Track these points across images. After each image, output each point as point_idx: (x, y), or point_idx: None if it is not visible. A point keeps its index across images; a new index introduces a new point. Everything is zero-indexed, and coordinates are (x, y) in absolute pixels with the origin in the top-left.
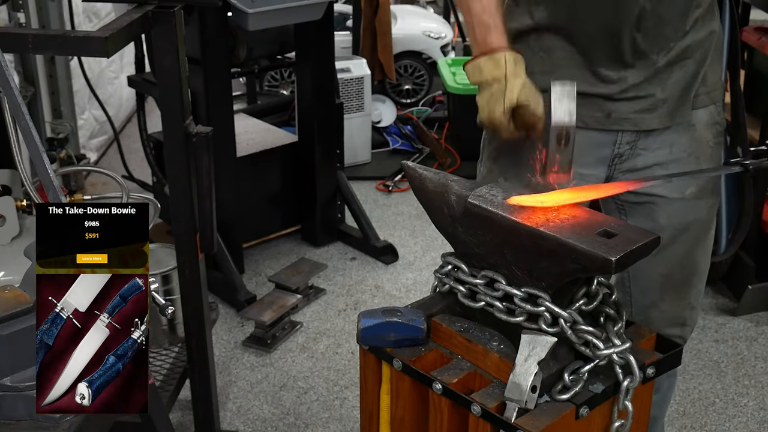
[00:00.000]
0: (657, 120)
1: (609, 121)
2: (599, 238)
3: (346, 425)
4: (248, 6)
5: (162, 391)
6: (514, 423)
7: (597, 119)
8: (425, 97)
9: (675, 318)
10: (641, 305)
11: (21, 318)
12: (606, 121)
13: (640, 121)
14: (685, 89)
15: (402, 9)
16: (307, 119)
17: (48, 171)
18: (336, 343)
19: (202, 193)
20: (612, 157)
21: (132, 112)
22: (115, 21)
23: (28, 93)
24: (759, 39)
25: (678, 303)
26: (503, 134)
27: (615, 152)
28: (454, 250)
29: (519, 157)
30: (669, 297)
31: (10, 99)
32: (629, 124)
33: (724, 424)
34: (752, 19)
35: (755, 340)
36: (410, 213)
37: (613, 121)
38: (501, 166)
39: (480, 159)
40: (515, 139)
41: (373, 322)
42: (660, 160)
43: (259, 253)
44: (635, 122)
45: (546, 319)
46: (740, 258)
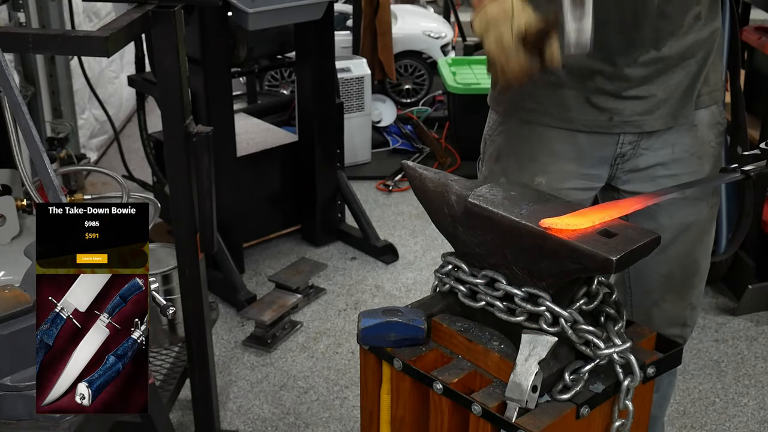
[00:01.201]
0: (659, 121)
1: (611, 125)
2: (600, 238)
3: (347, 425)
4: (248, 6)
5: (162, 391)
6: (514, 423)
7: (599, 123)
8: (425, 96)
9: (676, 318)
10: (642, 305)
11: (21, 318)
12: (608, 124)
13: (642, 123)
14: (688, 89)
15: (402, 9)
16: (307, 119)
17: (48, 171)
18: (336, 343)
19: (202, 193)
20: (614, 157)
21: (132, 112)
22: (115, 21)
23: (29, 92)
24: (759, 39)
25: (679, 303)
26: (513, 67)
27: (617, 152)
28: (454, 250)
29: (520, 158)
30: (670, 297)
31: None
32: (631, 127)
33: (725, 423)
34: (752, 19)
35: (755, 339)
36: (410, 213)
37: (615, 125)
38: (503, 166)
39: (480, 159)
40: (527, 73)
41: (374, 322)
42: (662, 160)
43: (259, 253)
44: (638, 124)
45: (546, 319)
46: (740, 258)
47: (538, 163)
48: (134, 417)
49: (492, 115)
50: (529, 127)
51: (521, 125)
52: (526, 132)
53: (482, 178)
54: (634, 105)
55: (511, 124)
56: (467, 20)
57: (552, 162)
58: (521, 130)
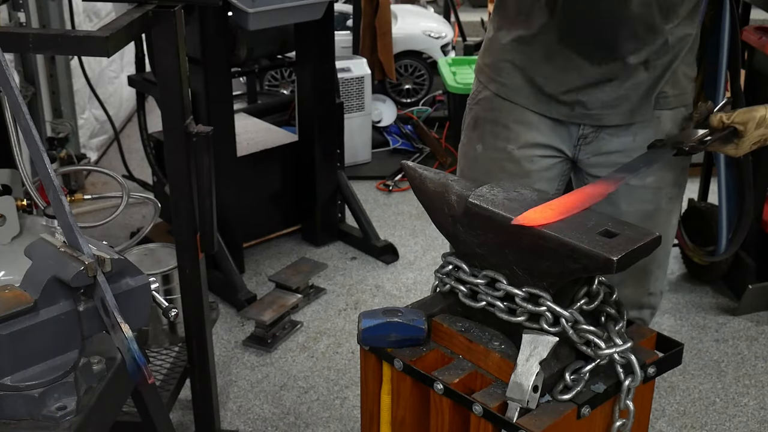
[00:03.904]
0: (618, 117)
1: (572, 115)
2: (600, 238)
3: (347, 425)
4: (248, 6)
5: (162, 391)
6: (515, 423)
7: (562, 113)
8: (425, 96)
9: (634, 302)
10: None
11: (21, 318)
12: (570, 114)
13: (601, 116)
14: (649, 90)
15: (402, 8)
16: (308, 119)
17: (48, 170)
18: (336, 343)
19: (203, 193)
20: (577, 137)
21: (132, 112)
22: (116, 21)
23: (29, 92)
24: (759, 39)
25: (638, 289)
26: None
27: (580, 134)
28: (454, 250)
29: (495, 125)
30: (629, 282)
31: (11, 98)
32: (591, 120)
33: (725, 423)
34: (752, 19)
35: (755, 339)
36: (410, 212)
37: (576, 116)
38: (479, 133)
39: (462, 128)
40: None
41: (374, 323)
42: (622, 147)
43: (260, 253)
44: (597, 118)
45: (547, 319)
46: (740, 258)
47: (512, 131)
48: (134, 417)
49: (474, 83)
50: (503, 99)
51: (497, 96)
52: (501, 103)
53: (461, 147)
54: (596, 100)
55: (488, 94)
56: (467, 20)
57: (524, 131)
58: (497, 101)
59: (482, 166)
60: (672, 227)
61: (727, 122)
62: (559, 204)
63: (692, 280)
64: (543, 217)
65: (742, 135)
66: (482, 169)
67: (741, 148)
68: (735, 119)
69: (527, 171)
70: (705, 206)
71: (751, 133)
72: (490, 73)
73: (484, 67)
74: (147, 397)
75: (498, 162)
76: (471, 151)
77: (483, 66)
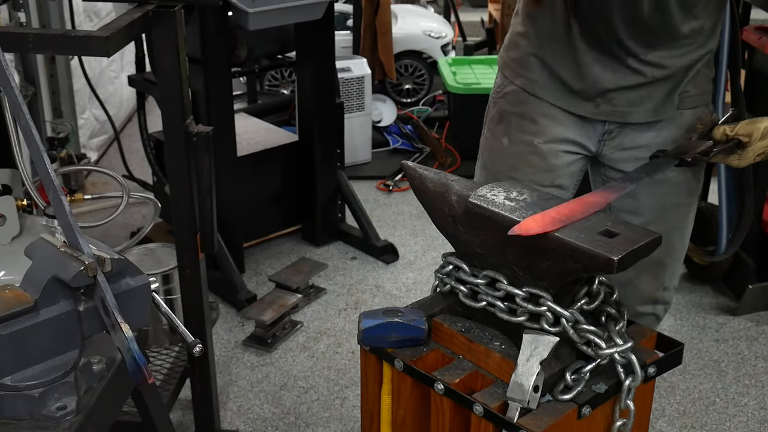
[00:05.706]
0: (642, 115)
1: (598, 112)
2: (601, 238)
3: (347, 425)
4: (248, 5)
5: (162, 391)
6: (516, 423)
7: (587, 110)
8: (425, 96)
9: (648, 297)
10: (616, 283)
11: (21, 318)
12: (595, 111)
13: (626, 114)
14: (671, 89)
15: (402, 8)
16: (308, 119)
17: (48, 170)
18: (336, 343)
19: (203, 193)
20: (602, 133)
21: (132, 112)
22: (116, 20)
23: (29, 92)
24: (759, 39)
25: (652, 283)
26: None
27: (605, 129)
28: (454, 250)
29: (522, 119)
30: (644, 277)
31: (11, 98)
32: (616, 117)
33: (725, 423)
34: (752, 19)
35: (756, 339)
36: (410, 212)
37: (601, 113)
38: (504, 127)
39: (484, 122)
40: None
41: (375, 323)
42: (646, 142)
43: (260, 253)
44: (622, 115)
45: (548, 319)
46: (740, 258)
47: (539, 125)
48: (134, 417)
49: (498, 78)
50: (529, 94)
51: (523, 91)
52: (527, 98)
53: (484, 140)
54: (621, 98)
55: (515, 88)
56: (467, 20)
57: (551, 126)
58: (523, 95)
59: (507, 159)
60: (690, 222)
61: (731, 134)
62: (558, 212)
63: (692, 280)
64: (540, 225)
65: (746, 146)
66: (507, 163)
67: (744, 159)
68: (739, 131)
69: (552, 165)
70: (705, 206)
71: (756, 144)
72: (517, 68)
73: (509, 61)
74: (147, 397)
75: (524, 156)
76: (496, 144)
77: (508, 60)
